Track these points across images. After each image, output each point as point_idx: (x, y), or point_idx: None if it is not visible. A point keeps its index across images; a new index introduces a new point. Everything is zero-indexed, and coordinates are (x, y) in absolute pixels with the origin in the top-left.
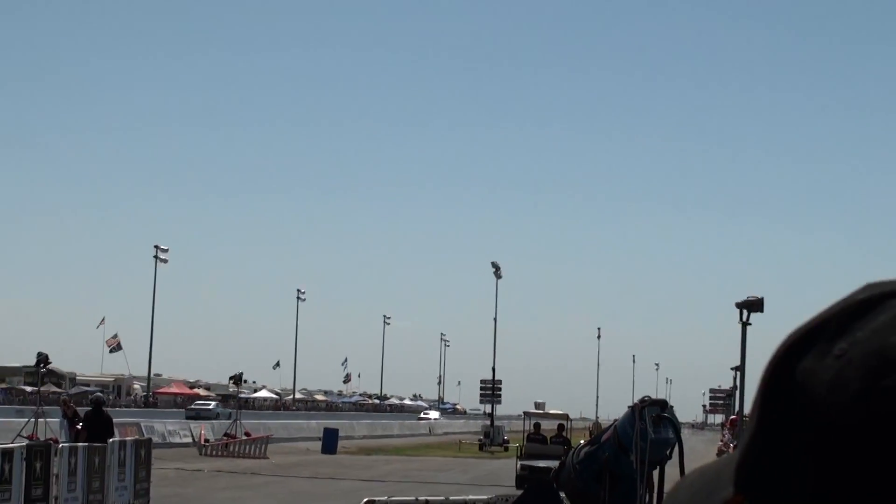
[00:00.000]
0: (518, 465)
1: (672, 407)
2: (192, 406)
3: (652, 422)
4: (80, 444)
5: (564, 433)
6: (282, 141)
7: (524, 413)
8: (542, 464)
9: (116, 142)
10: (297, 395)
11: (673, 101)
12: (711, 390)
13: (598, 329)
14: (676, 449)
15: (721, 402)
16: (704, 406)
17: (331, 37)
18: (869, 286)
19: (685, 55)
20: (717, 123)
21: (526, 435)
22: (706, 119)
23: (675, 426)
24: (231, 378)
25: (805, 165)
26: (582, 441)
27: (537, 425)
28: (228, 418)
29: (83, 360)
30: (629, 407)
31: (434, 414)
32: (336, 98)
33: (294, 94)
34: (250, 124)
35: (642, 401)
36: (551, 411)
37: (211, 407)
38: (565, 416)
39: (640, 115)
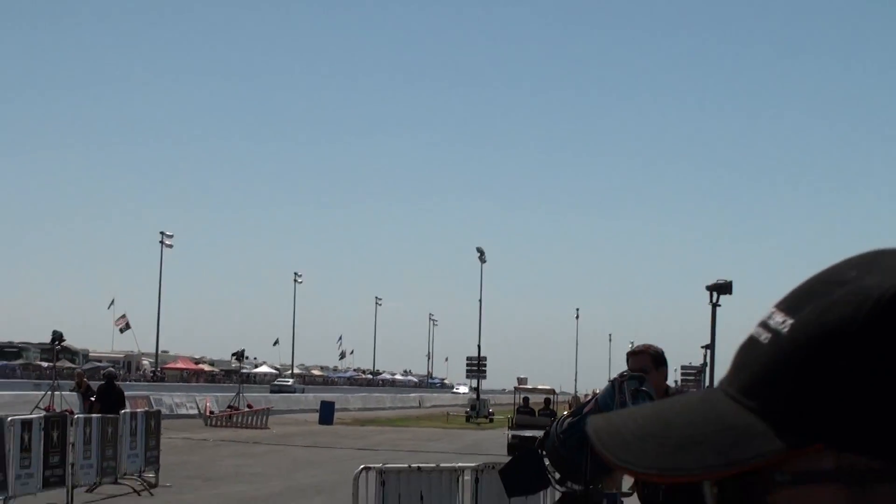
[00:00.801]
0: (509, 435)
1: (649, 381)
2: (276, 382)
3: (631, 395)
4: (94, 415)
5: (551, 406)
6: (280, 136)
7: (515, 388)
8: (530, 433)
9: (125, 137)
10: (296, 371)
11: (648, 93)
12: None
13: (577, 309)
14: None
15: (692, 378)
16: (676, 382)
17: (325, 40)
18: None
19: (655, 58)
20: (687, 116)
21: (516, 407)
22: (677, 112)
23: (652, 399)
24: (233, 354)
25: (768, 160)
26: (565, 412)
27: (526, 399)
28: (303, 392)
29: (95, 338)
30: (610, 381)
31: (463, 388)
32: (331, 92)
33: (291, 90)
34: (250, 118)
35: (621, 375)
36: (539, 386)
37: (290, 383)
38: (552, 391)
39: (614, 106)
